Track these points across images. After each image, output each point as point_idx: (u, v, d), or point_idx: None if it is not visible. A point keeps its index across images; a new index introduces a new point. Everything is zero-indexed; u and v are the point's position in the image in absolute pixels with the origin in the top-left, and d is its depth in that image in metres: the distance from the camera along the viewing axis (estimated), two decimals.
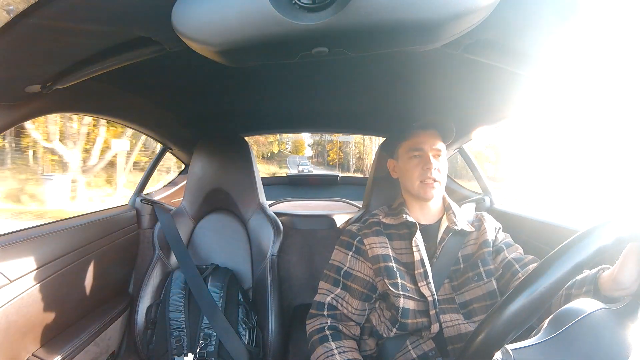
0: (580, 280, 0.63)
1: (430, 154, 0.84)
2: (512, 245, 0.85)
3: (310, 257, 1.47)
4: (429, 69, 0.87)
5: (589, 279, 0.60)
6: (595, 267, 0.62)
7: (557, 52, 0.58)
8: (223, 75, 0.93)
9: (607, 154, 5.98)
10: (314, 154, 37.91)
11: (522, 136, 9.75)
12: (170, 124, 1.31)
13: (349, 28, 0.42)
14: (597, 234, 0.43)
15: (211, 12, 0.43)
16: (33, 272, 0.82)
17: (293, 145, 36.66)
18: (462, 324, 0.77)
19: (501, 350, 0.43)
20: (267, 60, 0.53)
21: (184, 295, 1.05)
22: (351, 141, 26.92)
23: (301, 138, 34.26)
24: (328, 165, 31.87)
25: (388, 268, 0.81)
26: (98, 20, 0.49)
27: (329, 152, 32.95)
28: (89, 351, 0.97)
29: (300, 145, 37.82)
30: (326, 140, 31.45)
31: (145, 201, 1.30)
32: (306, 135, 27.37)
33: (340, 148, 30.77)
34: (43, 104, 0.74)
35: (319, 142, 34.22)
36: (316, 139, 32.69)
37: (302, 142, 37.33)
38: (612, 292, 0.54)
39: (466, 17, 0.42)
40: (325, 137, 29.19)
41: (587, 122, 3.99)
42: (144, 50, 0.58)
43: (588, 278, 0.61)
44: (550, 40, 0.55)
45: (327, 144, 32.46)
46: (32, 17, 0.44)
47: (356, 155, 29.23)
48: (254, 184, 1.25)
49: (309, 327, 0.83)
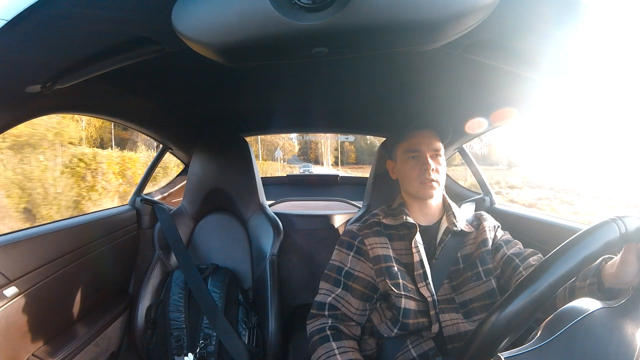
0: (583, 272, 0.62)
1: (427, 154, 0.84)
2: (511, 241, 0.85)
3: (310, 257, 1.47)
4: (429, 69, 0.87)
5: (592, 271, 0.60)
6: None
7: (557, 52, 0.58)
8: (223, 75, 0.93)
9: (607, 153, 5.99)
10: (299, 152, 49.18)
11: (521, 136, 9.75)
12: (170, 124, 1.31)
13: (349, 28, 0.42)
14: (604, 229, 0.43)
15: (211, 12, 0.43)
16: (33, 272, 0.82)
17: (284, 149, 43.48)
18: (461, 323, 0.77)
19: (494, 359, 0.42)
20: (267, 60, 0.53)
21: (184, 295, 1.05)
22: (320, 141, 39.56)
23: (292, 142, 44.23)
24: (309, 159, 43.93)
25: (389, 269, 0.81)
26: (98, 20, 0.49)
27: (310, 152, 46.07)
28: (89, 351, 0.97)
29: (291, 146, 46.45)
30: (309, 141, 44.14)
31: (145, 201, 1.30)
32: (292, 135, 33.88)
33: (317, 146, 45.18)
34: (43, 104, 0.74)
35: (302, 142, 46.20)
36: (300, 139, 43.19)
37: (293, 144, 46.54)
38: (614, 284, 0.54)
39: (466, 17, 0.42)
40: (308, 138, 39.65)
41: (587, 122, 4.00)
42: (144, 50, 0.58)
43: (591, 270, 0.60)
44: (550, 40, 0.55)
45: (310, 143, 45.45)
46: (32, 17, 0.44)
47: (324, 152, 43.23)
48: (253, 184, 1.25)
49: (310, 327, 0.83)
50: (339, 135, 21.01)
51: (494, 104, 1.03)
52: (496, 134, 21.97)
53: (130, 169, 6.70)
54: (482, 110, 1.11)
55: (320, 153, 43.74)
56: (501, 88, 0.92)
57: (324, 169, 32.52)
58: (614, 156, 6.99)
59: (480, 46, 0.58)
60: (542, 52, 0.58)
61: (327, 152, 43.19)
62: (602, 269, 0.58)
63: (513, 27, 0.53)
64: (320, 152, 43.90)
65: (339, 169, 32.53)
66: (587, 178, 7.64)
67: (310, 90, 1.13)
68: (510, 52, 0.59)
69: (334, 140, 37.59)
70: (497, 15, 0.46)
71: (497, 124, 1.15)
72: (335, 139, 35.74)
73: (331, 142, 41.22)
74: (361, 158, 44.52)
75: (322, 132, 3.34)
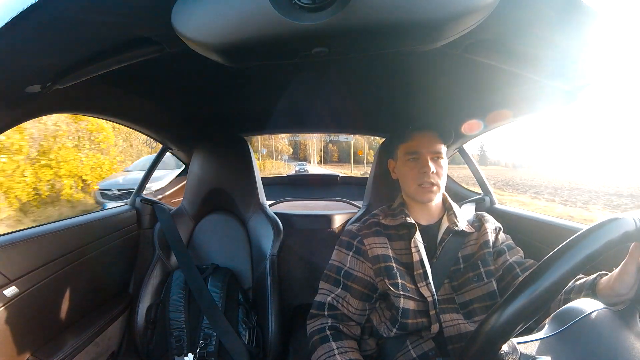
0: (579, 285, 0.63)
1: (428, 156, 0.84)
2: (513, 248, 0.85)
3: (310, 257, 1.46)
4: (429, 69, 0.87)
5: (587, 284, 0.61)
6: (594, 274, 0.62)
7: (557, 52, 0.58)
8: (223, 75, 0.93)
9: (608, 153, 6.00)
10: (292, 152, 53.64)
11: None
12: (170, 124, 1.31)
13: (349, 28, 0.42)
14: (607, 227, 0.43)
15: (211, 12, 0.43)
16: (33, 272, 0.82)
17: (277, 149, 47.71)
18: (462, 324, 0.77)
19: (507, 344, 0.43)
20: (267, 60, 0.53)
21: (184, 295, 1.05)
22: (308, 142, 45.19)
23: (285, 144, 47.34)
24: (299, 158, 48.39)
25: (388, 268, 0.81)
26: (98, 20, 0.49)
27: (299, 152, 51.72)
28: (89, 351, 0.97)
29: (287, 148, 50.33)
30: (298, 142, 48.79)
31: (145, 201, 1.30)
32: (283, 135, 35.54)
33: (305, 147, 50.87)
34: (43, 104, 0.74)
35: (293, 143, 50.47)
36: (290, 140, 46.89)
37: (288, 148, 50.40)
38: (609, 298, 0.54)
39: (466, 17, 0.42)
40: (298, 140, 44.28)
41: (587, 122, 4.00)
42: (144, 50, 0.58)
43: (587, 283, 0.61)
44: (551, 40, 0.55)
45: (299, 145, 50.62)
46: (32, 17, 0.44)
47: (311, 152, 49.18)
48: (253, 184, 1.25)
49: (310, 327, 0.83)
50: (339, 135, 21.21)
51: (495, 104, 1.03)
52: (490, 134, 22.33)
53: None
54: (482, 110, 1.11)
55: (309, 153, 50.76)
56: (502, 88, 0.92)
57: (311, 166, 37.26)
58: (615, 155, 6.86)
59: (480, 46, 0.58)
60: (543, 52, 0.58)
61: (314, 153, 50.50)
62: (597, 284, 0.59)
63: (513, 27, 0.53)
64: (309, 152, 51.05)
65: (321, 166, 41.52)
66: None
67: (310, 91, 1.13)
68: (511, 52, 0.59)
69: (320, 141, 47.51)
70: (498, 15, 0.46)
71: (497, 124, 1.15)
72: (321, 140, 46.44)
73: (317, 144, 50.05)
74: (342, 157, 52.45)
75: (322, 132, 3.35)
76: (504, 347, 0.43)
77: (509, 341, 0.43)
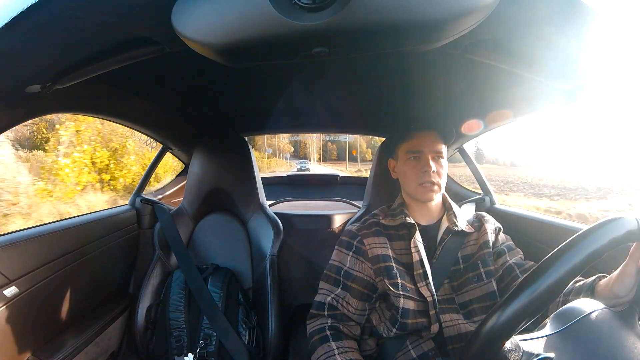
0: (577, 287, 0.63)
1: (429, 156, 0.84)
2: (513, 249, 0.85)
3: (310, 257, 1.46)
4: (430, 68, 0.87)
5: (586, 287, 0.61)
6: (592, 276, 0.63)
7: (557, 52, 0.58)
8: (223, 75, 0.93)
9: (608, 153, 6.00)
10: (293, 150, 56.21)
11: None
12: (170, 124, 1.31)
13: (349, 28, 0.42)
14: (609, 226, 0.44)
15: (211, 12, 0.43)
16: (33, 272, 0.82)
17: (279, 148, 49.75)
18: (462, 324, 0.77)
19: (510, 341, 0.43)
20: (267, 60, 0.53)
21: (184, 295, 1.05)
22: (308, 141, 48.54)
23: (286, 143, 50.03)
24: (299, 156, 50.56)
25: (388, 268, 0.81)
26: (98, 20, 0.49)
27: (300, 150, 54.26)
28: (89, 351, 0.97)
29: (288, 147, 53.21)
30: (299, 141, 51.13)
31: (145, 201, 1.30)
32: (284, 135, 37.32)
33: (305, 145, 53.59)
34: (43, 104, 0.74)
35: (293, 142, 52.67)
36: (290, 139, 49.08)
37: (289, 146, 52.92)
38: (608, 300, 0.54)
39: (466, 17, 0.42)
40: (298, 139, 46.59)
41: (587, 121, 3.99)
42: (144, 50, 0.58)
43: (585, 285, 0.61)
44: (551, 40, 0.55)
45: (300, 143, 53.26)
46: (32, 17, 0.44)
47: (311, 151, 52.17)
48: (253, 184, 1.25)
49: (310, 327, 0.83)
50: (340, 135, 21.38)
51: (495, 104, 1.03)
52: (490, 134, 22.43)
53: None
54: (482, 110, 1.11)
55: (309, 151, 53.33)
56: (502, 88, 0.92)
57: (311, 164, 38.43)
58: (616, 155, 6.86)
59: (480, 46, 0.58)
60: (543, 52, 0.58)
61: (313, 151, 53.14)
62: (596, 286, 0.59)
63: (513, 27, 0.53)
64: (309, 151, 53.62)
65: (321, 164, 44.04)
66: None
67: (310, 90, 1.13)
68: (511, 52, 0.59)
69: (319, 140, 50.52)
70: (498, 15, 0.46)
71: (497, 124, 1.15)
72: (320, 139, 49.22)
73: (317, 142, 52.79)
74: (341, 155, 54.28)
75: (322, 132, 3.35)
76: (507, 344, 0.43)
77: (511, 338, 0.43)
